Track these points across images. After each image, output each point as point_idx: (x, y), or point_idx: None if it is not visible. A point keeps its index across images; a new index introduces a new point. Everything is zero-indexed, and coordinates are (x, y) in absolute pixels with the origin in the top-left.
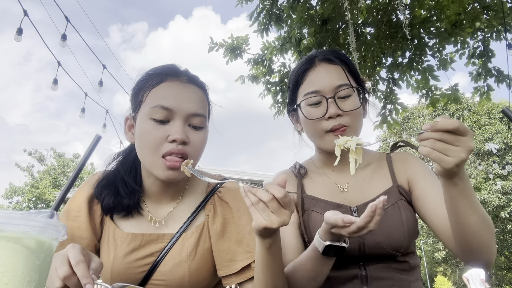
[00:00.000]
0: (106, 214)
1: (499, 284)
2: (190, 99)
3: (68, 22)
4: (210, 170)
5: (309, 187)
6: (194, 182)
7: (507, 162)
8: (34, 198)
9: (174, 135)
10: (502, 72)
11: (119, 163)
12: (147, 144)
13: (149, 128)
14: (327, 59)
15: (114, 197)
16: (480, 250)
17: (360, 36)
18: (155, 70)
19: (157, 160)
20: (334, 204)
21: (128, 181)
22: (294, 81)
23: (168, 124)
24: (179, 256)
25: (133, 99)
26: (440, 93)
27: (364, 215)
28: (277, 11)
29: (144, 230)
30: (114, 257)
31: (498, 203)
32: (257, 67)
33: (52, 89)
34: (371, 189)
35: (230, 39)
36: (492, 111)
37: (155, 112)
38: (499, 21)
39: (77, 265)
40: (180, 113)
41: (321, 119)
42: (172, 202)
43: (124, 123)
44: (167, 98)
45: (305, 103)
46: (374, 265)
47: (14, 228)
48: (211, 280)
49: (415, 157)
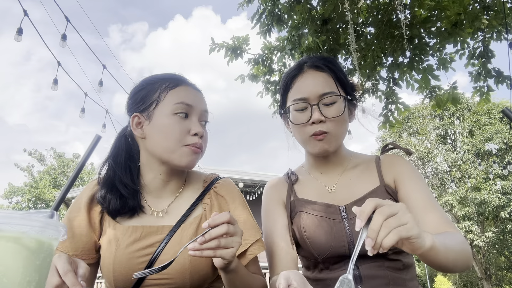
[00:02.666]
0: (114, 217)
1: (499, 284)
2: (202, 101)
3: (68, 22)
4: (210, 170)
5: (300, 191)
6: (192, 178)
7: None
8: (34, 198)
9: (196, 129)
10: (502, 73)
11: (111, 168)
12: (172, 136)
13: (173, 122)
14: (315, 66)
15: (119, 199)
16: (455, 270)
17: (360, 36)
18: (166, 76)
19: (181, 148)
20: (323, 205)
21: (126, 183)
22: (284, 86)
23: (187, 119)
24: (179, 244)
25: (144, 99)
26: (442, 94)
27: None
28: (278, 12)
29: (144, 223)
30: (116, 249)
31: (498, 203)
32: (258, 67)
33: (52, 89)
34: (358, 189)
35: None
36: (492, 111)
37: (179, 108)
38: (499, 21)
39: (66, 275)
40: (197, 110)
41: (305, 124)
42: (171, 196)
43: (131, 120)
44: (188, 97)
45: (293, 108)
46: (366, 264)
47: (14, 228)
48: (210, 271)
49: (403, 159)
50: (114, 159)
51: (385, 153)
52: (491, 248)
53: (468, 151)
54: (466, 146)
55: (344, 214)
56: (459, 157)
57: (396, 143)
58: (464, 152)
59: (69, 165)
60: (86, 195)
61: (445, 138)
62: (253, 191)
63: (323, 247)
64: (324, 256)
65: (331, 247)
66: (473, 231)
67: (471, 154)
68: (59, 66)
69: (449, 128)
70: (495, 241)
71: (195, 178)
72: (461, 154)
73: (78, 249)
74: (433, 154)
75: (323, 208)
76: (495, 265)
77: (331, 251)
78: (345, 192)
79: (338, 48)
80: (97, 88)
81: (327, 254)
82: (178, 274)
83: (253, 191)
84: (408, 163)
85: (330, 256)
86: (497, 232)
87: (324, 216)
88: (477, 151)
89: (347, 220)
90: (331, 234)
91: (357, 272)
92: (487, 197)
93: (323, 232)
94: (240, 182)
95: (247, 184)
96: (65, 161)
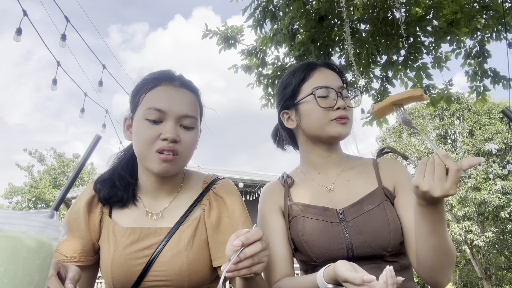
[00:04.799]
0: (104, 204)
1: (499, 284)
2: (181, 102)
3: (68, 22)
4: (210, 170)
5: (296, 195)
6: (190, 181)
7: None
8: (34, 198)
9: (166, 134)
10: (498, 73)
11: (117, 161)
12: (142, 141)
13: (144, 127)
14: (327, 64)
15: (110, 189)
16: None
17: (355, 33)
18: (152, 75)
19: (151, 154)
20: (321, 208)
21: (124, 176)
22: (300, 78)
23: (160, 124)
24: (177, 246)
25: (131, 101)
26: (436, 93)
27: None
28: (272, 9)
29: (142, 225)
30: (114, 250)
31: (498, 203)
32: (251, 58)
33: (52, 89)
34: (357, 190)
35: (224, 27)
36: (492, 111)
37: (149, 113)
38: (497, 21)
39: (48, 280)
40: (171, 114)
41: (328, 109)
42: (168, 198)
43: (123, 123)
44: (160, 101)
45: (317, 94)
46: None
47: (14, 228)
48: (208, 272)
49: (402, 166)
50: (123, 155)
51: (382, 156)
52: (491, 248)
53: (468, 151)
54: (466, 146)
55: (342, 217)
56: (459, 157)
57: (393, 148)
58: (464, 152)
59: (69, 165)
60: (85, 197)
61: (445, 138)
62: (253, 191)
63: (321, 250)
64: (323, 259)
65: (330, 250)
66: (473, 231)
67: (471, 154)
68: (59, 66)
69: (449, 128)
70: (495, 241)
71: (194, 179)
72: (461, 154)
73: (77, 251)
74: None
75: (320, 211)
76: (495, 265)
77: (330, 254)
78: (343, 193)
79: (332, 44)
80: (97, 88)
81: (325, 257)
82: (176, 277)
83: (253, 191)
84: (407, 171)
85: (328, 259)
86: (497, 232)
87: (322, 220)
88: (477, 151)
89: (345, 223)
90: (329, 237)
91: None
92: (487, 197)
93: (321, 235)
94: (240, 182)
95: (247, 184)
96: (65, 161)
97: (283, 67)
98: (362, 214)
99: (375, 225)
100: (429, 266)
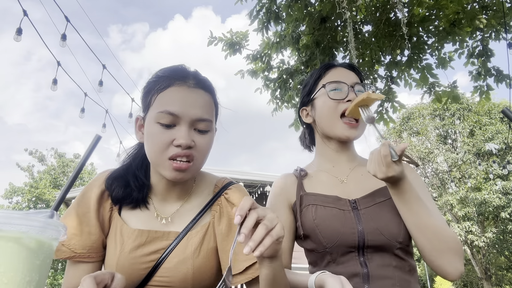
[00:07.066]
0: (115, 204)
1: (499, 284)
2: (195, 105)
3: (68, 22)
4: (210, 170)
5: (308, 186)
6: (202, 183)
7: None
8: (34, 198)
9: (180, 140)
10: (502, 71)
11: (130, 158)
12: (154, 146)
13: (156, 132)
14: (344, 65)
15: (124, 188)
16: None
17: (359, 34)
18: (164, 72)
19: (164, 161)
20: (333, 197)
21: (139, 176)
22: (316, 76)
23: (174, 129)
24: (184, 253)
25: (143, 100)
26: (441, 90)
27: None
28: (276, 9)
29: (151, 227)
30: (120, 252)
31: (499, 203)
32: (256, 63)
33: (52, 89)
34: (370, 184)
35: (229, 33)
36: (493, 111)
37: (162, 117)
38: (498, 20)
39: (84, 280)
40: (185, 118)
41: (340, 101)
42: (179, 201)
43: (135, 123)
44: (173, 103)
45: (329, 88)
46: (375, 263)
47: (14, 228)
48: (213, 280)
49: (414, 170)
50: (136, 152)
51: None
52: (491, 248)
53: (468, 151)
54: (467, 146)
55: (355, 205)
56: (460, 157)
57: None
58: (465, 152)
59: (69, 165)
60: (95, 191)
61: (446, 138)
62: (253, 191)
63: (333, 234)
64: (333, 244)
65: (341, 234)
66: (473, 231)
67: (472, 154)
68: (59, 66)
69: (449, 128)
70: (495, 241)
71: (206, 181)
72: (461, 154)
73: (86, 247)
74: (433, 154)
75: (333, 200)
76: (495, 265)
77: (341, 238)
78: (357, 185)
79: (336, 45)
80: (97, 88)
81: (336, 242)
82: (180, 283)
83: (253, 191)
84: (417, 174)
85: (339, 244)
86: (497, 232)
87: (334, 207)
88: (478, 151)
89: (357, 211)
90: (341, 222)
91: (365, 271)
92: (488, 197)
93: (333, 219)
94: (240, 182)
95: (247, 184)
96: (65, 161)
97: (288, 71)
98: (374, 204)
99: (387, 214)
100: (421, 247)
